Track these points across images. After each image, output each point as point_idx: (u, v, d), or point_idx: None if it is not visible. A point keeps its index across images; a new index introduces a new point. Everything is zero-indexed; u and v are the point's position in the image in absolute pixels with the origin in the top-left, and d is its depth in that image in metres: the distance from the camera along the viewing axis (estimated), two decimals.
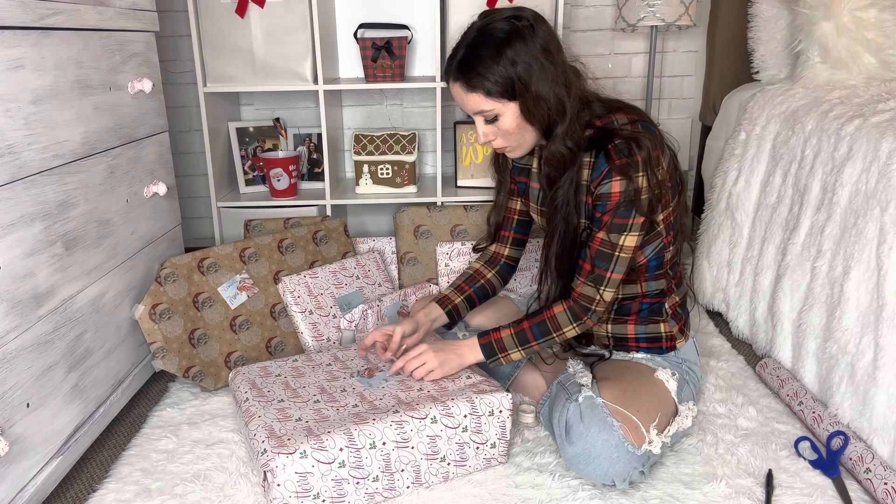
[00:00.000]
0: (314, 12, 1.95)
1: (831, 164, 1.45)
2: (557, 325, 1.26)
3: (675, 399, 1.27)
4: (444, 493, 1.22)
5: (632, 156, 1.17)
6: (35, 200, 1.15)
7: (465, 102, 1.23)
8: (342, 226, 1.96)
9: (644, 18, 2.11)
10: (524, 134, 1.24)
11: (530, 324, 1.28)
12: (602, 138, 1.20)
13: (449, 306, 1.45)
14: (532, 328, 1.27)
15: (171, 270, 1.57)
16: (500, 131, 1.24)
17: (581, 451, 1.16)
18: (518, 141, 1.25)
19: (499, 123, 1.22)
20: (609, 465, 1.15)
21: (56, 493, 1.25)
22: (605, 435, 1.15)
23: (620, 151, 1.17)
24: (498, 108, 1.20)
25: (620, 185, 1.17)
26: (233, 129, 2.26)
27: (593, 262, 1.23)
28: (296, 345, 1.72)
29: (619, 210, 1.19)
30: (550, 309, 1.27)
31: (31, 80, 1.15)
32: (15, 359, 1.10)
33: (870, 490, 1.18)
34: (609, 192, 1.19)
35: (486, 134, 1.25)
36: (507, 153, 1.30)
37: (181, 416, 1.48)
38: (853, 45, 1.75)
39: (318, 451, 1.10)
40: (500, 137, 1.25)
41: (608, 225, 1.20)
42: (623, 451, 1.14)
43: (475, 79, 1.18)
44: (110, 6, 1.40)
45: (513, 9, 1.20)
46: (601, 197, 1.20)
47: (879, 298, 1.23)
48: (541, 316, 1.28)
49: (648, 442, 1.17)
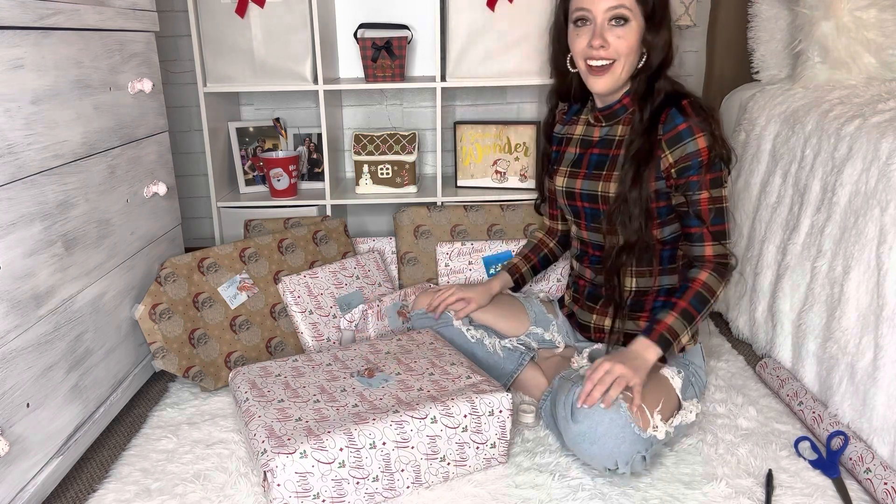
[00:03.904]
0: (314, 12, 1.94)
1: (831, 164, 1.45)
2: (711, 290, 1.27)
3: (680, 396, 1.28)
4: (444, 493, 1.22)
5: (707, 112, 1.25)
6: (35, 200, 1.15)
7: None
8: (342, 226, 1.96)
9: None
10: (630, 57, 1.28)
11: (689, 300, 1.26)
12: (671, 97, 1.28)
13: (517, 274, 1.60)
14: (692, 302, 1.26)
15: (171, 270, 1.57)
16: (617, 40, 1.26)
17: (587, 430, 1.16)
18: (624, 60, 1.28)
19: (623, 30, 1.26)
20: (614, 445, 1.15)
21: (56, 493, 1.25)
22: (611, 414, 1.15)
23: (696, 108, 1.25)
24: (633, 13, 1.25)
25: (706, 140, 1.24)
26: (233, 129, 2.26)
27: (711, 222, 1.27)
28: (296, 345, 1.72)
29: (713, 165, 1.25)
30: (696, 279, 1.28)
31: (31, 80, 1.15)
32: (15, 359, 1.10)
33: (870, 490, 1.18)
34: (696, 149, 1.24)
35: (606, 36, 1.26)
36: (599, 77, 1.30)
37: (181, 416, 1.48)
38: (853, 45, 1.75)
39: (318, 451, 1.10)
40: (613, 47, 1.27)
41: (707, 182, 1.26)
42: (629, 432, 1.15)
43: None
44: (110, 6, 1.40)
45: None
46: (689, 156, 1.25)
47: (879, 298, 1.23)
48: (692, 289, 1.27)
49: (653, 427, 1.18)
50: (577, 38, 1.31)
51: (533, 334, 1.54)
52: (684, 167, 1.26)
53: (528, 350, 1.51)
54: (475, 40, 1.99)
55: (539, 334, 1.54)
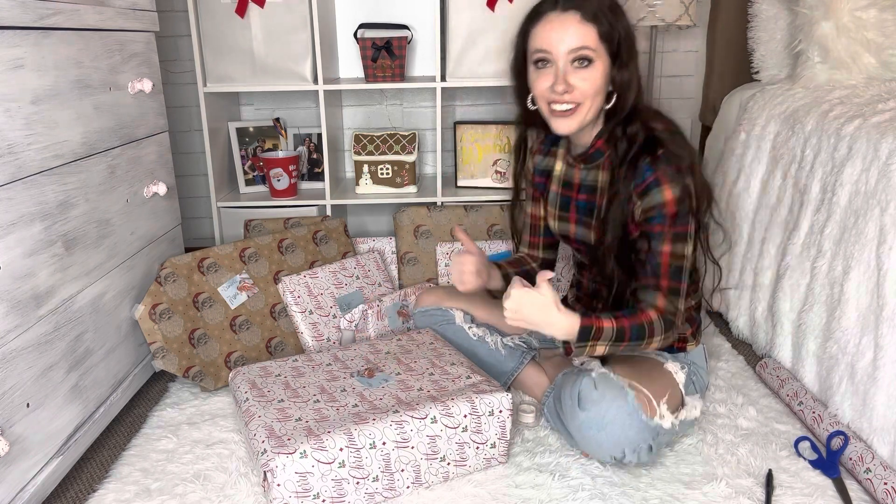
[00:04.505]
0: (314, 12, 1.95)
1: (831, 164, 1.45)
2: (652, 332, 1.19)
3: (683, 391, 1.30)
4: (444, 493, 1.22)
5: (679, 163, 1.17)
6: (35, 200, 1.15)
7: (569, 35, 1.17)
8: (342, 226, 1.96)
9: (644, 18, 2.11)
10: (596, 98, 1.21)
11: (630, 323, 1.18)
12: (646, 144, 1.20)
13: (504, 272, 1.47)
14: (631, 328, 1.18)
15: (171, 270, 1.57)
16: (582, 83, 1.19)
17: (594, 417, 1.17)
18: (590, 102, 1.21)
19: (587, 71, 1.19)
20: (621, 432, 1.16)
21: (56, 493, 1.25)
22: (619, 402, 1.16)
23: (667, 159, 1.17)
24: (598, 54, 1.18)
25: (673, 192, 1.17)
26: (233, 129, 2.26)
27: (668, 277, 1.20)
28: (296, 345, 1.72)
29: (678, 219, 1.18)
30: (646, 313, 1.20)
31: (31, 80, 1.15)
32: (15, 359, 1.10)
33: (870, 490, 1.18)
34: (663, 201, 1.17)
35: (569, 80, 1.18)
36: (563, 119, 1.23)
37: (181, 416, 1.48)
38: (853, 45, 1.75)
39: (318, 451, 1.10)
40: (578, 91, 1.19)
41: (671, 236, 1.19)
42: (636, 419, 1.16)
43: (598, 13, 1.17)
44: (110, 6, 1.40)
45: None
46: (654, 208, 1.18)
47: (879, 298, 1.23)
48: (638, 318, 1.19)
49: (660, 416, 1.19)
50: (538, 80, 1.23)
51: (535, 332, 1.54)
52: (650, 217, 1.20)
53: (529, 349, 1.51)
54: (475, 40, 1.99)
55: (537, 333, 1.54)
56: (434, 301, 1.58)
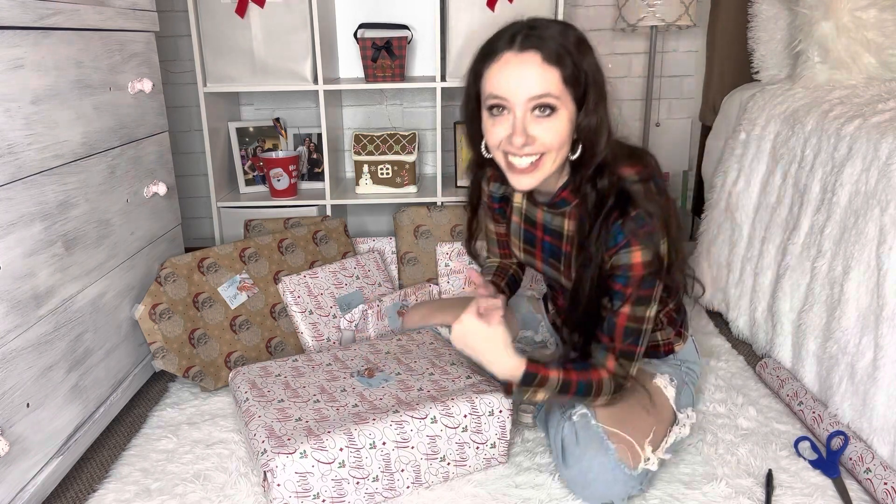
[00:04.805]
0: (314, 12, 1.95)
1: (831, 164, 1.45)
2: (599, 392, 1.14)
3: (674, 406, 1.27)
4: (444, 493, 1.22)
5: (652, 225, 1.08)
6: (35, 200, 1.15)
7: (529, 81, 1.03)
8: (342, 226, 1.96)
9: (644, 18, 2.11)
10: (560, 151, 1.08)
11: (578, 378, 1.13)
12: (618, 201, 1.09)
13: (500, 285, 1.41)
14: (578, 383, 1.13)
15: (171, 270, 1.57)
16: (545, 133, 1.05)
17: (577, 475, 1.15)
18: (555, 154, 1.08)
19: (549, 122, 1.05)
20: (606, 488, 1.14)
21: (56, 493, 1.25)
22: (601, 458, 1.13)
23: (640, 220, 1.07)
24: (562, 100, 1.04)
25: (643, 255, 1.08)
26: (233, 129, 2.26)
27: (623, 339, 1.13)
28: (296, 345, 1.72)
29: (644, 283, 1.10)
30: (598, 371, 1.14)
31: (31, 79, 1.15)
32: (15, 359, 1.10)
33: (870, 490, 1.18)
34: (630, 262, 1.08)
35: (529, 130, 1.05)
36: (524, 176, 1.10)
37: (181, 416, 1.48)
38: (853, 45, 1.75)
39: (318, 451, 1.10)
40: (539, 142, 1.06)
41: (633, 298, 1.10)
42: (620, 473, 1.13)
43: (561, 53, 1.02)
44: (110, 6, 1.40)
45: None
46: (621, 268, 1.09)
47: (879, 298, 1.23)
48: (587, 375, 1.14)
49: (645, 460, 1.15)
50: (493, 128, 1.09)
51: (524, 338, 1.54)
52: (615, 274, 1.11)
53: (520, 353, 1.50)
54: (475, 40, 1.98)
55: (529, 337, 1.54)
56: (419, 319, 1.55)
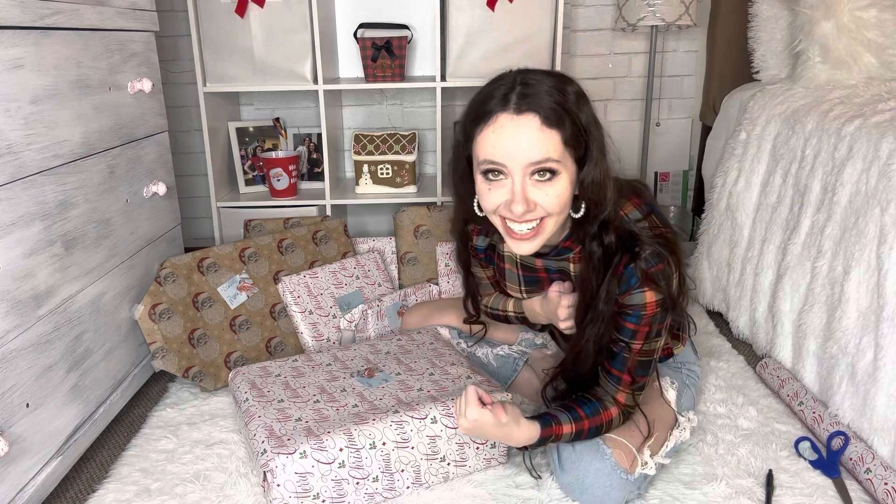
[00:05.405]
0: (314, 12, 1.95)
1: (831, 163, 1.45)
2: (610, 427, 1.15)
3: (675, 409, 1.27)
4: (444, 493, 1.21)
5: (662, 261, 1.07)
6: (35, 200, 1.15)
7: (527, 146, 0.98)
8: (342, 226, 1.96)
9: (644, 18, 2.11)
10: (562, 213, 1.05)
11: (590, 424, 1.13)
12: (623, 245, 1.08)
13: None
14: (590, 428, 1.13)
15: (170, 270, 1.57)
16: (546, 198, 1.01)
17: (574, 481, 1.15)
18: (556, 218, 1.04)
19: (551, 186, 1.00)
20: (603, 494, 1.13)
21: (56, 493, 1.25)
22: (596, 464, 1.13)
23: (648, 262, 1.06)
24: (563, 163, 1.00)
25: (656, 295, 1.07)
26: (233, 128, 2.26)
27: (634, 373, 1.13)
28: (296, 345, 1.72)
29: (656, 318, 1.10)
30: (609, 411, 1.14)
31: (30, 79, 1.15)
32: (15, 359, 1.10)
33: (870, 490, 1.18)
34: (643, 302, 1.08)
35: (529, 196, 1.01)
36: (525, 242, 1.06)
37: (181, 416, 1.48)
38: (853, 45, 1.75)
39: (317, 451, 1.10)
40: (541, 207, 1.02)
41: (644, 335, 1.10)
42: (616, 479, 1.12)
43: (561, 114, 0.98)
44: (110, 6, 1.40)
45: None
46: (633, 307, 1.09)
47: (879, 298, 1.23)
48: (599, 418, 1.14)
49: (642, 465, 1.15)
50: (490, 193, 1.03)
51: (525, 340, 1.54)
52: (626, 313, 1.10)
53: (521, 354, 1.51)
54: (475, 40, 2.00)
55: (530, 339, 1.54)
56: (418, 321, 1.55)
